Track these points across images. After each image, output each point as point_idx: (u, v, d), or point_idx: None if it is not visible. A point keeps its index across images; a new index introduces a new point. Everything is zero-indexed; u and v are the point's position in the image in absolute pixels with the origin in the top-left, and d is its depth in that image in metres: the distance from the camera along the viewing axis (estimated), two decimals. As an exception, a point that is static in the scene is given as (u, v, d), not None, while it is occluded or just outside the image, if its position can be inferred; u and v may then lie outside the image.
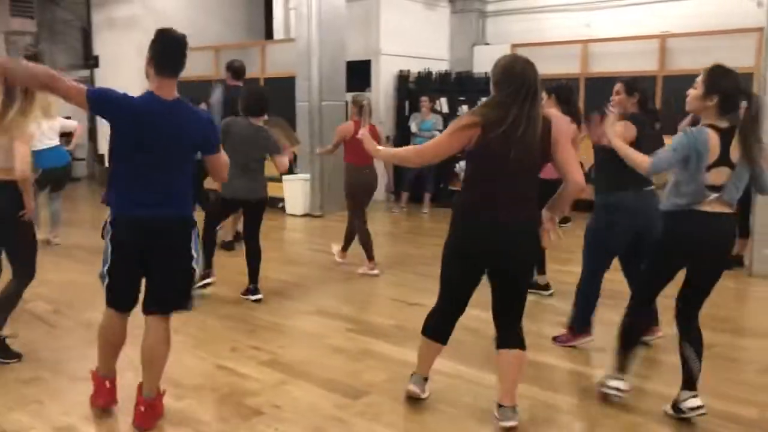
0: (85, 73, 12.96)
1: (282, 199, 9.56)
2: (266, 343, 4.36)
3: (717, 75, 3.15)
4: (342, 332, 4.60)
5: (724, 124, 3.11)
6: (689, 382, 3.27)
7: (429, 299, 3.60)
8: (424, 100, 9.60)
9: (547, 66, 10.29)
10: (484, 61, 11.41)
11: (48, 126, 6.64)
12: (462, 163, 6.32)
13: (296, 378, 3.80)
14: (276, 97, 10.38)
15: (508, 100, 2.97)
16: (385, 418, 3.32)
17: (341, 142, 6.21)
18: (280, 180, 9.58)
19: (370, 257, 6.15)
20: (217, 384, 3.72)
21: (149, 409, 3.17)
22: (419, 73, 10.81)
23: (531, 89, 2.96)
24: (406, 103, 10.65)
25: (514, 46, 10.83)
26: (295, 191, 9.30)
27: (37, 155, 5.90)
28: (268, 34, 13.01)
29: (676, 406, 3.28)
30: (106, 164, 7.71)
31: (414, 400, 3.46)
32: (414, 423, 3.29)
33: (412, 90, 10.67)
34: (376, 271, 6.13)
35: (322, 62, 9.19)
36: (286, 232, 8.54)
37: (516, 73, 3.00)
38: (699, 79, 3.18)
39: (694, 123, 4.68)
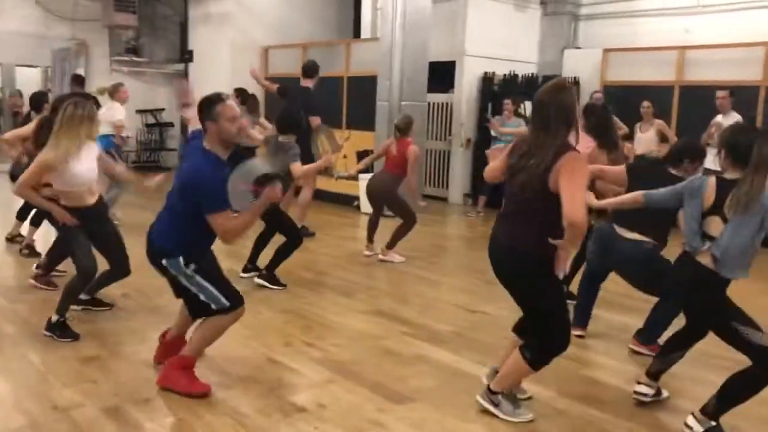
0: (180, 66, 13.47)
1: (357, 198, 9.57)
2: (320, 340, 4.34)
3: (726, 131, 3.26)
4: (398, 335, 4.52)
5: (733, 175, 3.04)
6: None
7: (492, 307, 3.47)
8: (507, 103, 9.37)
9: (640, 73, 9.91)
10: (574, 65, 11.05)
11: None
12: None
13: (344, 378, 3.75)
14: (358, 96, 10.53)
15: (535, 127, 3.09)
16: (426, 425, 3.21)
17: (381, 155, 6.92)
18: (356, 179, 9.62)
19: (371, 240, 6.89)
20: (265, 377, 3.72)
21: (167, 367, 3.48)
22: (505, 75, 10.58)
23: (560, 118, 3.00)
24: (489, 106, 10.44)
25: (606, 50, 10.45)
26: (370, 190, 9.27)
27: None
28: (357, 33, 13.10)
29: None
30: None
31: (458, 410, 3.35)
32: (456, 434, 3.17)
33: (497, 93, 10.45)
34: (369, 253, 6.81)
35: (404, 62, 9.13)
36: (358, 230, 8.51)
37: (545, 103, 3.04)
38: None
39: None
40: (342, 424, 3.20)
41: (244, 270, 5.74)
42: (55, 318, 4.18)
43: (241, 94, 7.92)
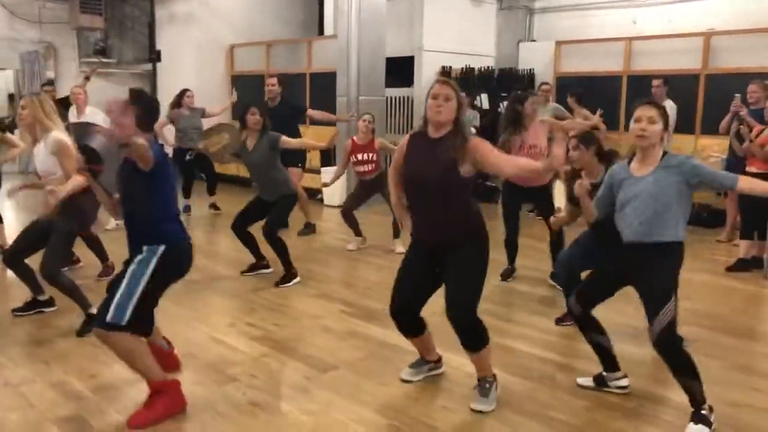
0: (149, 66, 13.68)
1: (320, 191, 9.87)
2: (262, 321, 4.66)
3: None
4: (337, 314, 4.85)
5: None
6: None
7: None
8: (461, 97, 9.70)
9: (591, 63, 10.28)
10: (529, 58, 11.43)
11: None
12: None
13: (278, 352, 4.08)
14: (319, 92, 10.84)
15: None
16: (346, 390, 3.54)
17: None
18: (318, 172, 9.94)
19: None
20: (205, 354, 4.04)
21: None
22: (462, 69, 10.91)
23: None
24: (447, 100, 10.75)
25: (559, 43, 10.83)
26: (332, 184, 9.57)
27: None
28: (321, 30, 13.39)
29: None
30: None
31: (378, 376, 3.70)
32: (369, 395, 3.49)
33: (454, 86, 10.76)
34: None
35: (360, 58, 9.44)
36: (320, 222, 8.81)
37: None
38: (651, 116, 3.17)
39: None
40: (268, 391, 3.53)
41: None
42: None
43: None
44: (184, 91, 8.94)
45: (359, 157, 6.83)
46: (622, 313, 4.40)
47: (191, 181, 9.04)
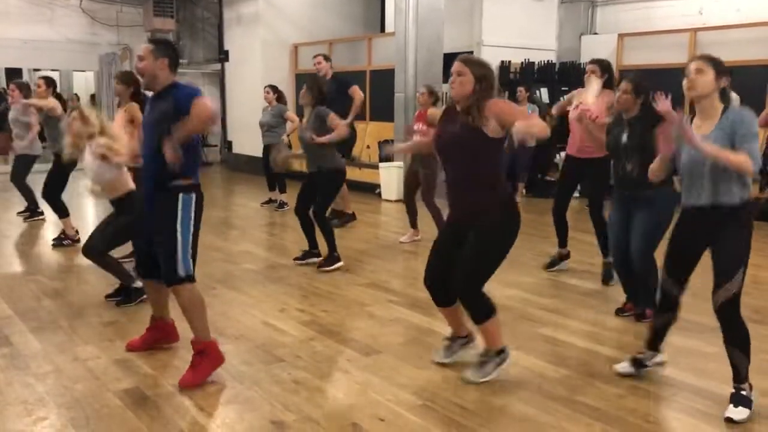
0: (218, 66, 14.21)
1: (378, 185, 10.07)
2: (312, 307, 4.88)
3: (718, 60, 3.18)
4: (383, 302, 5.01)
5: None
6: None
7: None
8: (520, 91, 9.72)
9: (655, 56, 10.08)
10: (591, 51, 11.25)
11: None
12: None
13: (324, 336, 4.28)
14: (379, 88, 11.03)
15: None
16: (384, 372, 3.71)
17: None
18: (376, 167, 10.14)
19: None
20: (255, 336, 4.28)
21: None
22: (522, 63, 10.89)
23: None
24: (506, 94, 10.76)
25: (622, 35, 10.67)
26: (390, 178, 9.77)
27: None
28: (383, 28, 13.57)
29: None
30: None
31: (417, 361, 3.84)
32: (406, 378, 3.64)
33: (513, 81, 10.77)
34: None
35: (418, 55, 9.58)
36: (377, 216, 9.01)
37: None
38: (698, 66, 3.13)
39: None
40: (311, 371, 3.73)
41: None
42: None
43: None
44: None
45: (414, 126, 6.97)
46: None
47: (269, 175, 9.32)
